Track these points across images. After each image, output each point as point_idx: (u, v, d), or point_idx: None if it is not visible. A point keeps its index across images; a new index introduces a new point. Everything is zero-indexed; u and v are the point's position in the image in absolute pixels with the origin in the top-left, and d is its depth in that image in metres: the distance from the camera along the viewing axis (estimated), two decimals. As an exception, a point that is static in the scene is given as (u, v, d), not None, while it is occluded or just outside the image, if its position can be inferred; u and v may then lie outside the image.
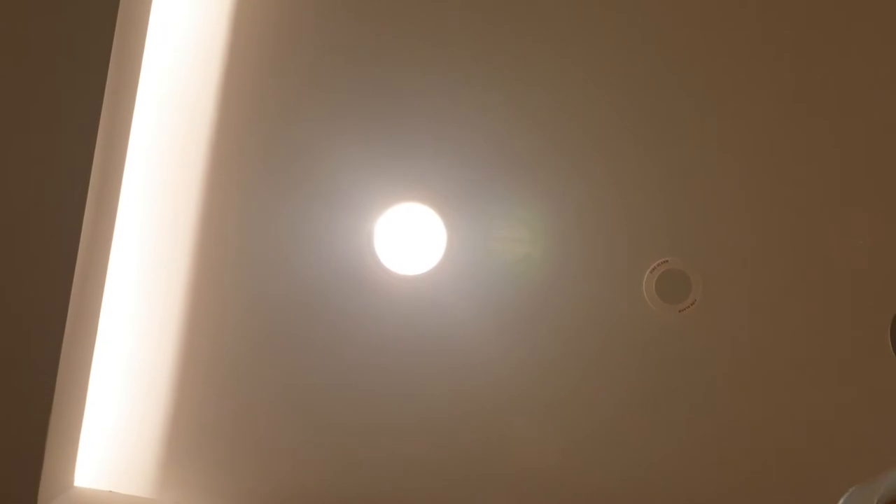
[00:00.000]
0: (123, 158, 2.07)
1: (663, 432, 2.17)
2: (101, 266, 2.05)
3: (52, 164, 1.83)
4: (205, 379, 2.16)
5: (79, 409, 2.07)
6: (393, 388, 2.17)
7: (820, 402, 2.12)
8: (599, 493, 2.16)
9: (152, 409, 2.15)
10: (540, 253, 2.17)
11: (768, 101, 2.17)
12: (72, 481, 2.09)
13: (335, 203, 2.15)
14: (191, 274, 2.15)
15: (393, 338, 2.16)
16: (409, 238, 2.15)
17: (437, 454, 2.18)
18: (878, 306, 2.16)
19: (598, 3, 2.18)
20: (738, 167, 2.17)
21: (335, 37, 2.16)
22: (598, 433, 2.18)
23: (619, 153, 2.18)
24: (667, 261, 2.16)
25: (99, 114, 1.81)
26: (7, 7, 1.80)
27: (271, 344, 2.16)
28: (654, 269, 2.16)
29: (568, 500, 2.16)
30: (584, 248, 2.17)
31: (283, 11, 2.14)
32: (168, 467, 2.15)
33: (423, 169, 2.17)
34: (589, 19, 2.18)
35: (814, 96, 2.18)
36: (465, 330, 2.16)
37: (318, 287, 2.16)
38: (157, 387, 2.15)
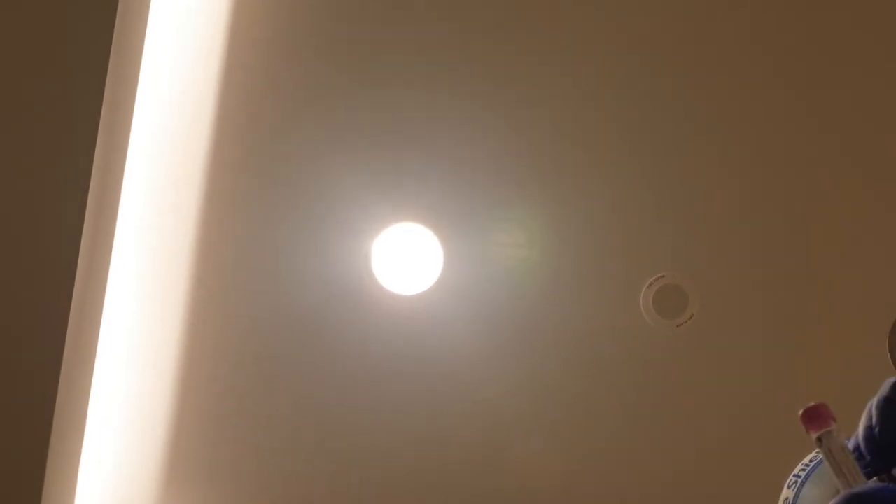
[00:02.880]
0: (120, 180, 2.07)
1: (662, 447, 2.17)
2: (99, 290, 2.06)
3: (48, 183, 1.83)
4: (203, 402, 2.15)
5: (78, 436, 2.06)
6: (392, 407, 2.16)
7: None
8: (601, 510, 2.15)
9: (151, 435, 2.14)
10: (536, 269, 2.18)
11: (768, 114, 2.18)
12: (71, 507, 2.09)
13: (332, 223, 2.16)
14: (187, 295, 2.15)
15: (392, 357, 2.16)
16: (406, 257, 2.16)
17: (436, 473, 2.17)
18: (878, 319, 2.16)
19: (595, 18, 2.19)
20: (736, 181, 2.18)
21: (332, 56, 2.17)
22: (599, 449, 2.17)
23: (617, 168, 2.19)
24: (664, 276, 2.17)
25: (96, 135, 1.82)
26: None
27: (269, 364, 2.16)
28: (651, 285, 2.17)
29: (569, 518, 2.16)
30: (581, 263, 2.18)
31: (279, 31, 2.16)
32: (168, 492, 2.14)
33: (420, 188, 2.18)
34: (584, 32, 2.19)
35: (816, 108, 2.18)
36: (463, 348, 2.16)
37: (316, 307, 2.16)
38: (155, 411, 2.14)
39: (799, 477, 0.76)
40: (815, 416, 0.71)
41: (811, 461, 0.81)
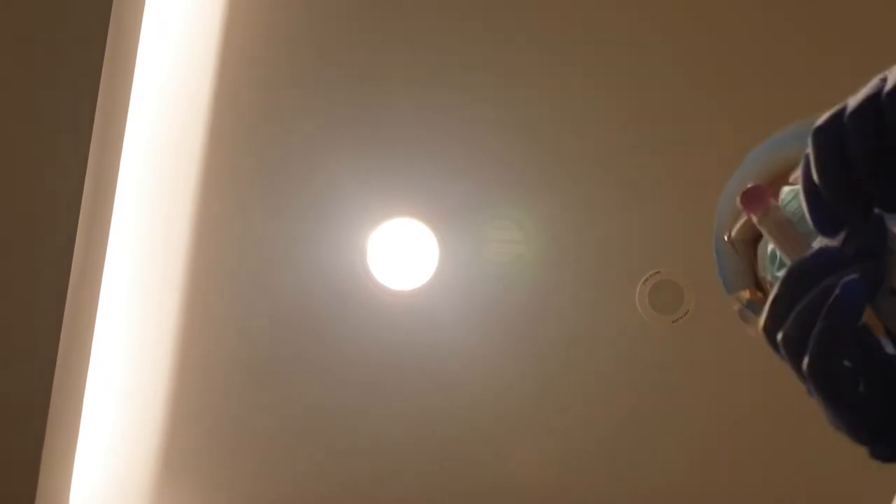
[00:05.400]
0: (115, 176, 2.07)
1: (660, 443, 2.17)
2: (94, 287, 2.05)
3: (43, 181, 1.83)
4: (199, 400, 2.14)
5: (73, 434, 2.05)
6: (388, 405, 2.16)
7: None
8: (598, 505, 2.16)
9: (146, 433, 2.14)
10: (532, 265, 2.18)
11: (762, 108, 2.18)
12: (64, 505, 2.08)
13: (328, 219, 2.15)
14: (182, 292, 2.14)
15: (388, 353, 2.16)
16: (402, 253, 2.15)
17: (433, 471, 2.16)
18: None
19: (596, 13, 2.19)
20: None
21: (328, 50, 2.17)
22: (595, 446, 2.17)
23: (612, 164, 2.19)
24: (659, 272, 2.17)
25: (90, 132, 1.81)
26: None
27: (264, 359, 2.16)
28: (646, 281, 2.17)
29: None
30: (577, 259, 2.18)
31: (275, 25, 2.15)
32: (163, 491, 2.13)
33: (416, 184, 2.18)
34: (584, 28, 2.19)
35: (816, 108, 2.18)
36: (459, 344, 2.16)
37: (311, 304, 2.16)
38: (150, 409, 2.13)
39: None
40: (754, 199, 0.63)
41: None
